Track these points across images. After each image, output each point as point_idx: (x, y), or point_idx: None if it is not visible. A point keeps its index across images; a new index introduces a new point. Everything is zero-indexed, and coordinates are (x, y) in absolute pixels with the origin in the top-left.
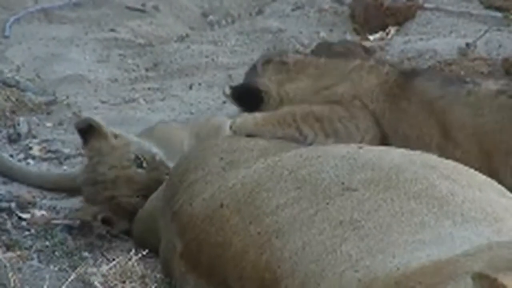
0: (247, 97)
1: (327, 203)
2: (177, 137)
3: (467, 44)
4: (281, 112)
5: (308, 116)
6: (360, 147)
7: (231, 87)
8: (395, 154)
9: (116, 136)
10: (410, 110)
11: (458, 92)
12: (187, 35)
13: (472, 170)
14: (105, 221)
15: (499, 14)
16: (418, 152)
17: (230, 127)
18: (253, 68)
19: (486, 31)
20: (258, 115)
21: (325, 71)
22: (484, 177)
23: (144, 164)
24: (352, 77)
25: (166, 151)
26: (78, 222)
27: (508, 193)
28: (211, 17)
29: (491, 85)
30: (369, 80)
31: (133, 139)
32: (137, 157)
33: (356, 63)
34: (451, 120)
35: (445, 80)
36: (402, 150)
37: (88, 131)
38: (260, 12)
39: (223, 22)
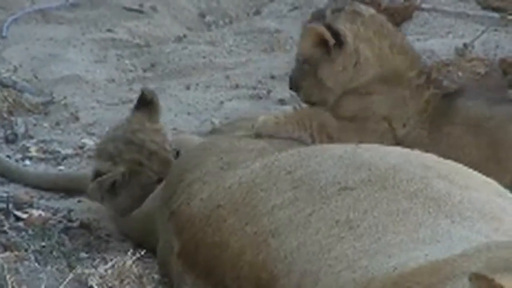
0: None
1: (324, 203)
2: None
3: (465, 45)
4: (302, 114)
5: (323, 128)
6: (358, 147)
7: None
8: (392, 154)
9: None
10: (453, 134)
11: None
12: (184, 36)
13: (469, 170)
14: (124, 181)
15: (496, 15)
16: (415, 152)
17: (252, 127)
18: (320, 14)
19: (483, 32)
20: (279, 114)
21: (392, 61)
22: (481, 177)
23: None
24: (395, 95)
25: None
26: (77, 222)
27: (505, 193)
28: (208, 18)
29: None
30: (408, 104)
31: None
32: (175, 149)
33: (412, 75)
34: (503, 141)
35: (490, 99)
36: (399, 149)
37: (145, 103)
38: (257, 12)
39: (221, 22)
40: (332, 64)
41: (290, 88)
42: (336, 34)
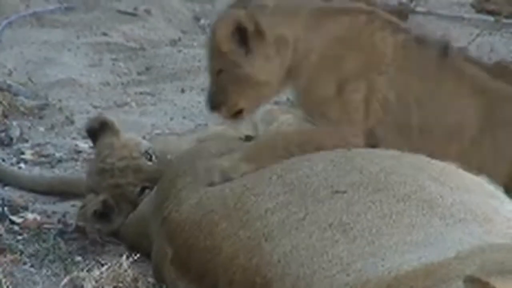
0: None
1: (316, 206)
2: (176, 147)
3: (460, 48)
4: (269, 142)
5: (305, 145)
6: (348, 150)
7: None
8: (383, 157)
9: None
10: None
11: None
12: (179, 39)
13: (461, 172)
14: (105, 207)
15: (490, 18)
16: (406, 154)
17: (221, 173)
18: (235, 5)
19: (478, 35)
20: (247, 150)
21: (330, 16)
22: (473, 178)
23: (154, 159)
24: (361, 45)
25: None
26: (72, 225)
27: (497, 194)
28: (202, 21)
29: None
30: (382, 51)
31: (143, 140)
32: (147, 152)
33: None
34: None
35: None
36: (390, 152)
37: (99, 129)
38: None
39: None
40: (255, 56)
41: (211, 109)
42: (255, 24)
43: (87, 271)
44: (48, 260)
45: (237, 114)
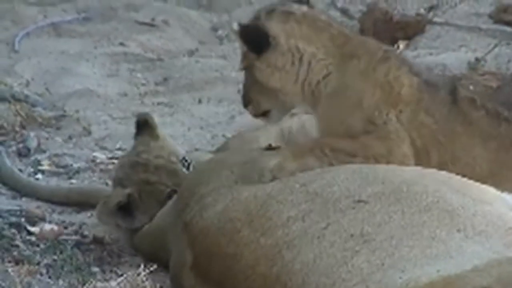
0: (256, 37)
1: (338, 216)
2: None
3: (477, 59)
4: (306, 147)
5: (339, 152)
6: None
7: (240, 24)
8: (405, 169)
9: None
10: (467, 132)
11: None
12: (196, 50)
13: (482, 185)
14: (129, 206)
15: (508, 29)
16: (428, 170)
17: (270, 172)
18: (257, 17)
19: (495, 46)
20: (286, 152)
21: (351, 46)
22: (494, 191)
23: (191, 168)
24: (381, 84)
25: None
26: (89, 236)
27: None
28: (220, 32)
29: None
30: (399, 90)
31: (180, 149)
32: (184, 159)
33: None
34: None
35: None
36: (412, 167)
37: (143, 126)
38: None
39: (232, 36)
40: (265, 65)
41: (243, 106)
42: (267, 35)
43: (104, 281)
44: (65, 271)
45: (264, 114)
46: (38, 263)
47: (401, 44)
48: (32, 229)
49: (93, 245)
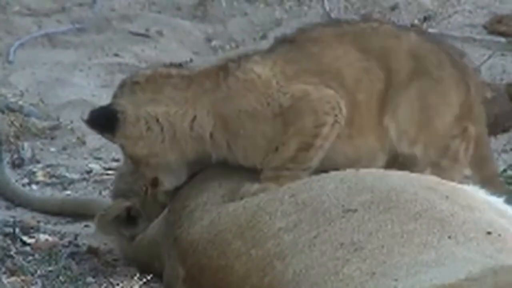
0: (103, 119)
1: (328, 225)
2: None
3: None
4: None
5: (290, 157)
6: (358, 170)
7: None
8: (393, 176)
9: None
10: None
11: None
12: (191, 60)
13: (471, 191)
14: (130, 215)
15: (502, 40)
16: (415, 174)
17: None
18: (113, 96)
19: (490, 56)
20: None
21: (197, 81)
22: (483, 197)
23: None
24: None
25: None
26: (84, 247)
27: (508, 213)
28: (214, 42)
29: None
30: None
31: None
32: None
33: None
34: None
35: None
36: (400, 172)
37: None
38: (264, 37)
39: (227, 47)
40: (123, 140)
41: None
42: (113, 112)
43: None
44: (59, 281)
45: (155, 183)
46: (33, 274)
47: None
48: (26, 239)
49: (88, 255)
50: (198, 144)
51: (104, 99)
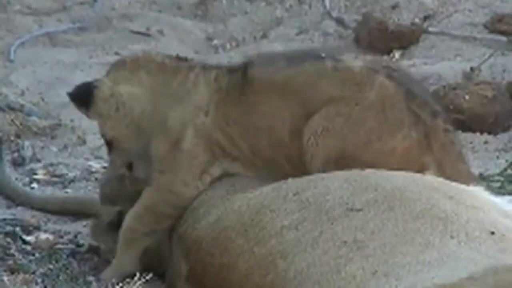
0: (81, 93)
1: (331, 224)
2: None
3: (472, 68)
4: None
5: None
6: (363, 170)
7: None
8: (397, 176)
9: None
10: (261, 101)
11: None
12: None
13: (475, 191)
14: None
15: (503, 38)
16: (420, 175)
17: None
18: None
19: (490, 55)
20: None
21: (158, 83)
22: (487, 197)
23: None
24: (181, 95)
25: None
26: (84, 246)
27: (511, 213)
28: (215, 41)
29: (355, 61)
30: (195, 95)
31: None
32: None
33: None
34: (313, 97)
35: (290, 59)
36: (404, 172)
37: None
38: (264, 36)
39: (228, 46)
40: (96, 117)
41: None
42: (91, 87)
43: None
44: (60, 280)
45: (130, 167)
46: (34, 272)
47: (396, 54)
48: (27, 238)
49: (89, 254)
50: (143, 138)
51: None
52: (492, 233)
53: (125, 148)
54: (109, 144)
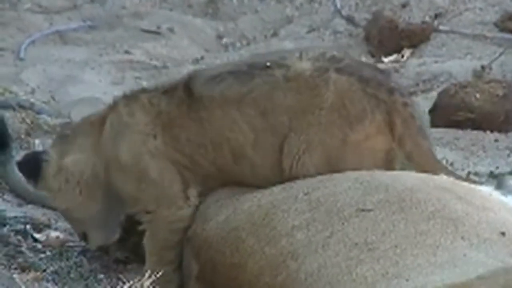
0: (30, 166)
1: (342, 224)
2: None
3: (482, 67)
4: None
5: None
6: (374, 170)
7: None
8: (408, 176)
9: None
10: (214, 116)
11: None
12: (202, 57)
13: (485, 192)
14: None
15: None
16: (430, 175)
17: None
18: None
19: (501, 54)
20: None
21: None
22: (498, 198)
23: None
24: (121, 132)
25: None
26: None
27: None
28: (225, 40)
29: (302, 63)
30: (138, 120)
31: None
32: None
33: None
34: (271, 108)
35: (241, 76)
36: (414, 173)
37: None
38: (275, 34)
39: (238, 44)
40: (46, 190)
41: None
42: (40, 160)
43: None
44: (70, 278)
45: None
46: (44, 270)
47: (407, 52)
48: (38, 236)
49: (99, 252)
50: (105, 191)
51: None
52: (503, 233)
53: (77, 218)
54: (63, 215)
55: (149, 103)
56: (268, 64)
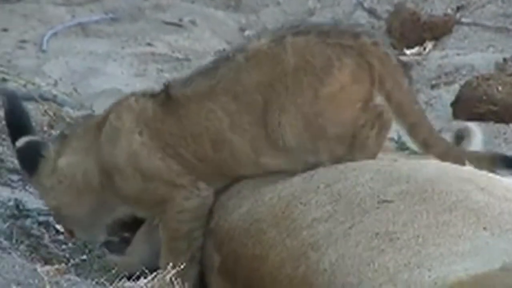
0: (28, 157)
1: (363, 216)
2: None
3: (504, 59)
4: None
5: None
6: (395, 160)
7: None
8: (429, 167)
9: None
10: (190, 110)
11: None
12: (223, 50)
13: (506, 183)
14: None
15: None
16: (452, 165)
17: None
18: None
19: None
20: None
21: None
22: None
23: None
24: (113, 135)
25: None
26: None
27: None
28: (247, 32)
29: (260, 41)
30: (124, 121)
31: None
32: None
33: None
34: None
35: (202, 72)
36: (436, 162)
37: None
38: None
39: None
40: (37, 184)
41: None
42: (39, 153)
43: (133, 281)
44: (93, 269)
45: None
46: (67, 262)
47: (429, 45)
48: (60, 228)
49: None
50: (96, 196)
51: (137, 88)
52: None
53: (65, 215)
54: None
55: (135, 102)
56: (230, 54)
